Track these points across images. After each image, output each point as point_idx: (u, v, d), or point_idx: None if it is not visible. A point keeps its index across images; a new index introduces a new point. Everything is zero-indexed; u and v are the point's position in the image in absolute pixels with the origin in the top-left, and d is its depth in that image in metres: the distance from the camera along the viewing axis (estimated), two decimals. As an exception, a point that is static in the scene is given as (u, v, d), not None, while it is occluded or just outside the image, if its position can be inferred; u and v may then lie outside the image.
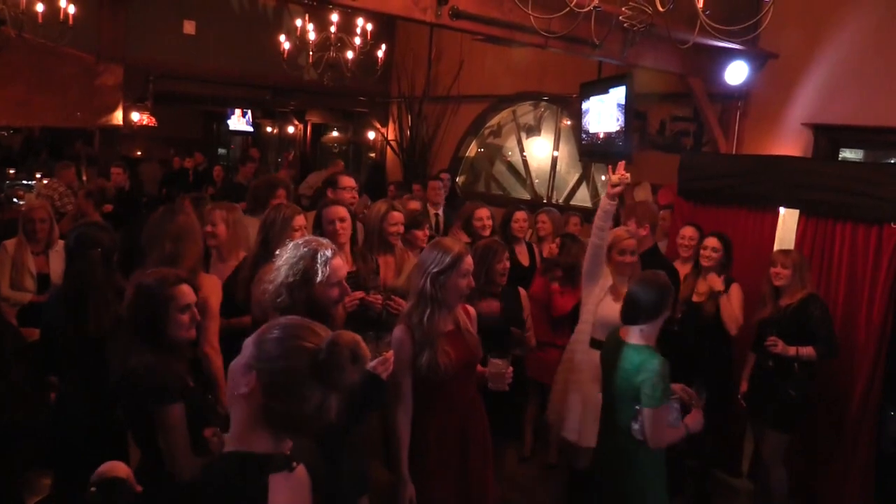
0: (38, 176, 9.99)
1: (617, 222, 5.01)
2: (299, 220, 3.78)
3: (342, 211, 3.90)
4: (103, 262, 3.27)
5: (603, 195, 4.01)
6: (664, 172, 6.83)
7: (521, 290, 4.31)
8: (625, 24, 3.64)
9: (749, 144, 6.61)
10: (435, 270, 2.94)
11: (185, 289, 2.59)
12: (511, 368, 3.19)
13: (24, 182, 9.75)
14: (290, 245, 2.72)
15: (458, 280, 2.97)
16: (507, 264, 3.92)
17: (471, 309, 3.26)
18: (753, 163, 5.36)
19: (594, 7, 3.38)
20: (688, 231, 5.04)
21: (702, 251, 4.74)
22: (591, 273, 4.08)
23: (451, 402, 3.06)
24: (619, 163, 3.87)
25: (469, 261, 3.02)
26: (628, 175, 3.85)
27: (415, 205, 5.55)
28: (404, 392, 2.96)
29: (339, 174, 5.12)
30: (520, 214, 5.49)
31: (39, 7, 6.43)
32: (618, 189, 3.83)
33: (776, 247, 5.02)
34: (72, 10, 6.72)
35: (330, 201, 4.13)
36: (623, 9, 3.53)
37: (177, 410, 2.37)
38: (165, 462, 2.34)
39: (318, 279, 2.60)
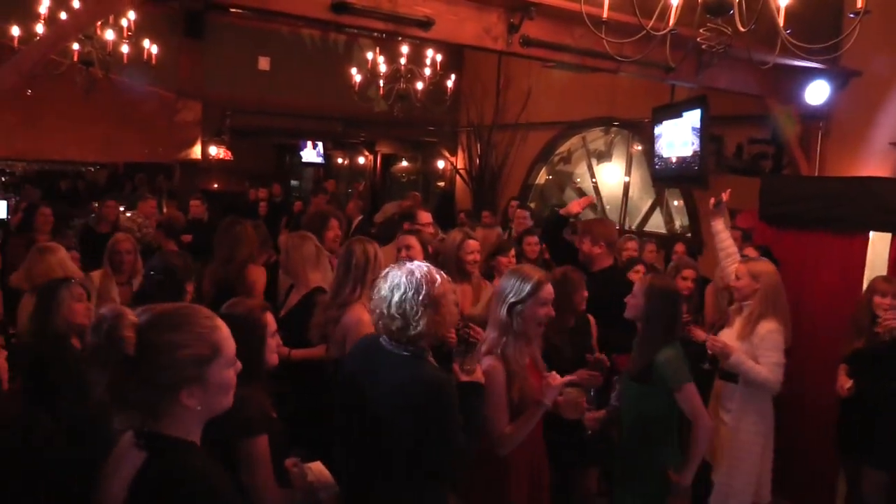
0: (121, 209, 10.37)
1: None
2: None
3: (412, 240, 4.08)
4: (178, 289, 3.35)
5: None
6: (742, 196, 6.59)
7: (591, 318, 4.21)
8: (702, 46, 3.54)
9: (832, 166, 6.35)
10: (513, 300, 2.89)
11: (270, 316, 2.63)
12: (584, 397, 3.14)
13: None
14: (406, 272, 2.53)
15: (537, 309, 2.91)
16: (586, 293, 3.87)
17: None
18: (841, 185, 5.14)
19: (670, 30, 3.30)
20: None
21: None
22: None
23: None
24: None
25: (549, 289, 2.96)
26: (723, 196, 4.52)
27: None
28: (501, 422, 2.85)
29: (417, 209, 5.13)
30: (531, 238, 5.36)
31: (125, 48, 6.74)
32: (713, 210, 4.49)
33: (867, 272, 4.79)
34: (154, 50, 7.02)
35: (409, 231, 4.21)
36: (700, 30, 3.43)
37: (262, 443, 2.36)
38: (249, 495, 2.32)
39: (444, 304, 2.50)
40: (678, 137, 6.86)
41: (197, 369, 1.58)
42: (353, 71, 8.36)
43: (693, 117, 6.57)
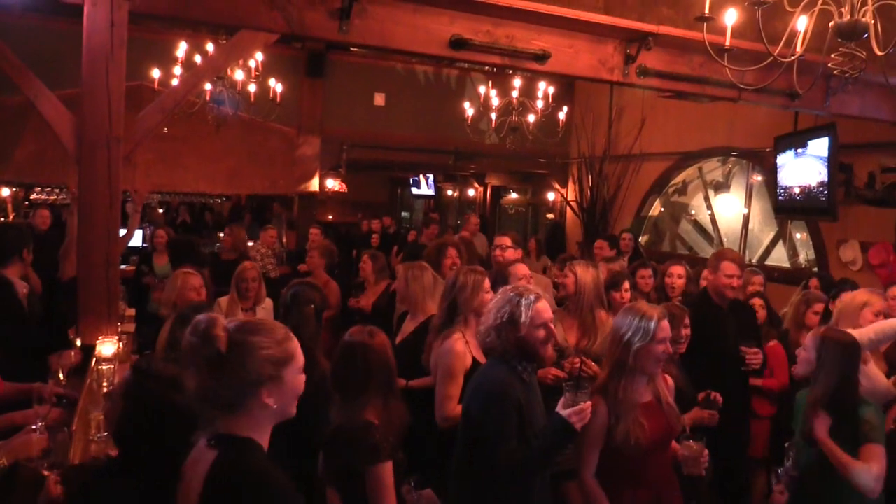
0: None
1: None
2: (486, 283, 3.80)
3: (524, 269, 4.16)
4: (315, 318, 3.45)
5: None
6: (874, 229, 6.27)
7: None
8: (834, 72, 3.40)
9: (978, 196, 5.92)
10: (630, 337, 2.86)
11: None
12: (707, 452, 2.95)
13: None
14: (500, 291, 2.90)
15: (655, 346, 2.85)
16: (689, 331, 3.76)
17: (669, 380, 3.13)
18: None
19: (798, 56, 3.19)
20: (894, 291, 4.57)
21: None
22: None
23: (643, 477, 2.92)
24: None
25: (665, 325, 2.90)
26: None
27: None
28: (589, 461, 2.89)
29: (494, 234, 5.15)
30: (675, 269, 5.16)
31: (252, 88, 7.14)
32: None
33: None
34: (279, 88, 7.39)
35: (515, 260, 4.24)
36: (832, 55, 3.30)
37: (388, 469, 2.41)
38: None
39: (523, 321, 2.72)
40: (803, 167, 6.57)
41: (276, 369, 1.75)
42: (466, 105, 8.49)
43: (820, 146, 6.28)
